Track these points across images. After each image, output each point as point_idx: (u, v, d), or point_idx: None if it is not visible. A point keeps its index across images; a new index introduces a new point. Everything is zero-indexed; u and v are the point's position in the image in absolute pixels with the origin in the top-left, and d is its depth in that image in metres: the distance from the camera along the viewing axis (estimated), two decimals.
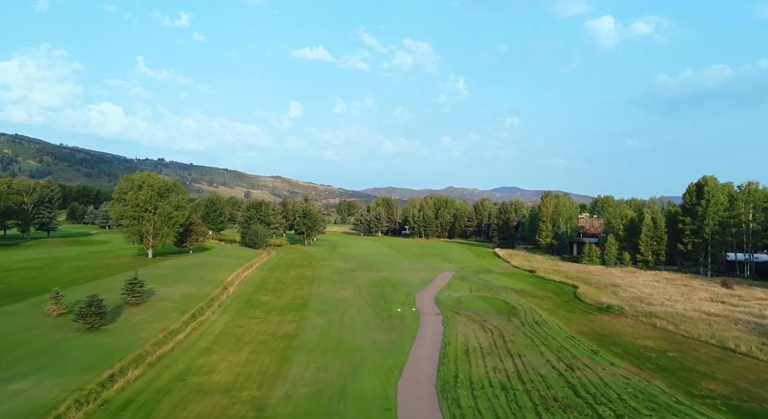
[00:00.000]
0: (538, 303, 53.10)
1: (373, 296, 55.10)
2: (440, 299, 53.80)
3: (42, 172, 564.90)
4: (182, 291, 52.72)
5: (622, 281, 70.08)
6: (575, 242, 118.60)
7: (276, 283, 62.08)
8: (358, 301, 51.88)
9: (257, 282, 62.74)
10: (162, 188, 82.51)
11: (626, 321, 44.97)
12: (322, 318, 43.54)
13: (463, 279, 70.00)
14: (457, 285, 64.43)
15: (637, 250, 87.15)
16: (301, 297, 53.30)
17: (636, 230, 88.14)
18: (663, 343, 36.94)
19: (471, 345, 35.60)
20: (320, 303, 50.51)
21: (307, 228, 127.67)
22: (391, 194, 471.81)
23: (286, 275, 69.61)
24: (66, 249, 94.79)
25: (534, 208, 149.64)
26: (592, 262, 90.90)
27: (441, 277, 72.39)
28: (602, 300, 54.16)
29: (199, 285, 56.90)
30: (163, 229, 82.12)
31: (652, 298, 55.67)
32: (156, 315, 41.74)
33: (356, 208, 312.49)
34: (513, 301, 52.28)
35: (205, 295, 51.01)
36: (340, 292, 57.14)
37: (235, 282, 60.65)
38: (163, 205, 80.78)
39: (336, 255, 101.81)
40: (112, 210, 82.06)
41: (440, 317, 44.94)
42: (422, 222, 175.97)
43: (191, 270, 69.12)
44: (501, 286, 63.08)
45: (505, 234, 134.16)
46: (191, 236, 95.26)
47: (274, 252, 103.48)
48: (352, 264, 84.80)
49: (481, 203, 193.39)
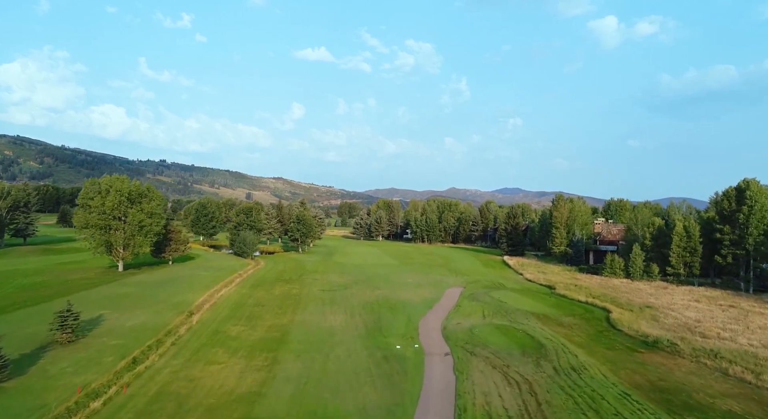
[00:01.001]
0: (568, 334, 43.74)
1: (367, 325, 45.81)
2: (448, 329, 44.48)
3: (43, 174, 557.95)
4: (136, 321, 43.54)
5: (656, 300, 60.68)
6: (591, 250, 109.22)
7: (254, 306, 52.79)
8: (348, 333, 42.59)
9: (232, 304, 53.46)
10: (133, 193, 73.35)
11: (685, 364, 35.59)
12: (300, 362, 34.27)
13: (473, 298, 60.65)
14: (467, 307, 55.10)
15: (666, 262, 77.64)
16: (279, 327, 44.01)
17: (665, 239, 78.62)
18: (752, 406, 27.61)
19: (494, 410, 26.34)
20: (302, 336, 41.24)
21: (301, 235, 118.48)
22: (392, 195, 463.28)
23: (268, 294, 60.33)
24: (32, 259, 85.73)
25: (544, 212, 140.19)
26: (615, 275, 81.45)
27: (448, 295, 63.09)
28: (644, 329, 44.80)
29: (160, 311, 47.70)
30: (135, 239, 73.01)
31: (702, 327, 46.27)
32: (86, 360, 32.55)
33: (357, 209, 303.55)
34: (537, 333, 42.89)
35: (162, 326, 41.82)
36: (329, 319, 47.85)
37: (206, 306, 51.43)
38: (133, 212, 71.61)
39: (331, 266, 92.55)
40: (75, 218, 72.86)
41: (450, 359, 35.65)
42: (425, 226, 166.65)
43: (159, 289, 59.97)
44: (518, 310, 53.68)
45: (514, 240, 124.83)
46: (170, 245, 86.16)
47: (262, 263, 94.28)
48: (347, 279, 75.50)
49: (486, 206, 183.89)
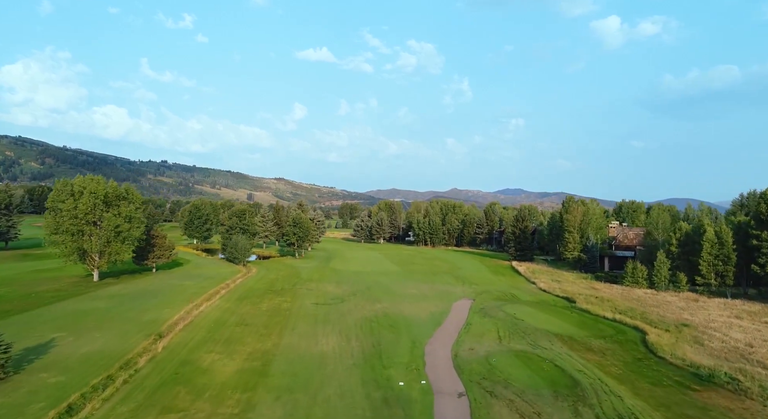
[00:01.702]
0: (602, 363, 36.97)
1: (365, 350, 39.10)
2: (460, 357, 37.73)
3: (43, 174, 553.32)
4: (91, 348, 36.92)
5: (691, 316, 53.83)
6: (606, 256, 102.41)
7: (236, 325, 46.09)
8: (342, 362, 35.89)
9: (211, 323, 46.77)
10: (110, 195, 66.76)
11: (757, 409, 28.78)
12: (279, 407, 27.57)
13: (484, 314, 53.89)
14: (479, 325, 48.32)
15: (695, 271, 70.78)
16: (262, 355, 37.32)
17: (693, 246, 71.76)
18: None
19: None
20: (286, 367, 34.55)
21: (297, 239, 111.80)
22: (394, 196, 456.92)
23: (255, 309, 53.64)
24: (4, 267, 79.24)
25: (554, 214, 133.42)
26: (638, 284, 74.57)
27: (456, 310, 56.37)
28: (690, 357, 38.01)
29: (125, 333, 41.10)
30: (112, 246, 66.47)
31: (758, 353, 39.43)
32: (6, 408, 25.90)
33: (358, 211, 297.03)
34: (567, 364, 36.11)
35: (121, 355, 35.18)
36: (320, 343, 41.15)
37: (180, 325, 44.74)
38: (109, 217, 65.04)
39: (328, 274, 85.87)
40: (45, 223, 66.31)
41: (465, 402, 28.93)
42: (428, 229, 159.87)
43: (133, 303, 53.38)
44: (538, 329, 46.86)
45: (522, 245, 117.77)
46: (154, 252, 79.66)
47: (254, 270, 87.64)
48: (344, 289, 68.81)
49: (491, 208, 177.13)
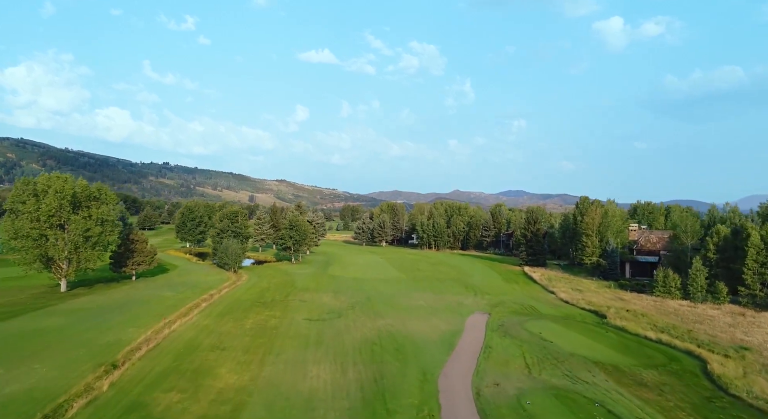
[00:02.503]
0: (663, 406, 29.20)
1: (364, 387, 31.45)
2: (484, 397, 30.05)
3: None
4: (20, 385, 29.36)
5: (747, 336, 46.07)
6: (627, 261, 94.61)
7: (210, 350, 38.46)
8: (335, 406, 28.25)
9: (181, 347, 39.16)
10: (79, 195, 59.27)
11: None
12: None
13: (505, 332, 46.21)
14: (500, 349, 40.65)
15: (736, 280, 62.98)
16: (234, 393, 29.68)
17: (735, 252, 63.98)
18: None
19: None
20: (263, 413, 26.92)
21: (294, 243, 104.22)
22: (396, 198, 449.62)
23: (237, 327, 46.02)
24: None
25: (566, 216, 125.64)
26: (670, 295, 66.75)
27: (471, 327, 48.73)
28: None
29: (71, 363, 33.53)
30: (82, 252, 59.05)
31: None
32: None
33: (360, 212, 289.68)
34: (622, 408, 28.32)
35: (54, 396, 27.59)
36: (310, 374, 33.51)
37: (142, 350, 37.12)
38: (77, 219, 57.55)
39: (325, 281, 78.26)
40: (3, 227, 58.89)
41: None
42: (432, 231, 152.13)
43: (94, 320, 45.87)
44: (573, 354, 39.13)
45: (534, 249, 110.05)
46: (133, 258, 72.16)
47: (245, 277, 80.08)
48: (342, 301, 61.19)
49: (498, 209, 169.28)
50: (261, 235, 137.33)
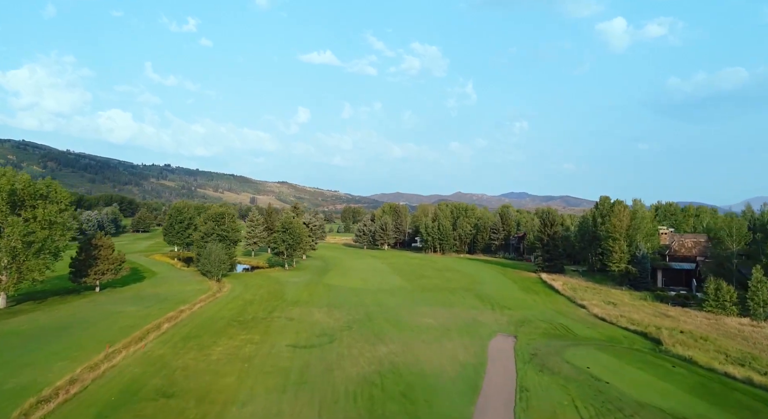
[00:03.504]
0: None
1: None
2: None
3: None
4: None
5: None
6: (659, 268, 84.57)
7: (151, 399, 28.48)
8: None
9: (115, 393, 29.17)
10: (20, 192, 49.47)
11: None
12: None
13: (541, 366, 36.21)
14: (540, 392, 30.66)
15: None
16: None
17: None
18: None
19: None
20: None
21: (287, 247, 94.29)
22: (398, 200, 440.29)
23: (200, 358, 36.07)
24: None
25: (585, 218, 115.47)
26: (725, 311, 56.74)
27: (495, 355, 38.77)
28: None
29: None
30: (25, 261, 49.27)
31: None
32: None
33: (361, 214, 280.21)
34: None
35: None
36: None
37: (60, 397, 27.24)
38: (16, 221, 47.81)
39: (319, 292, 68.40)
40: None
41: None
42: (437, 234, 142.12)
43: (18, 351, 36.06)
44: (640, 403, 29.06)
45: (552, 253, 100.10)
46: (96, 266, 62.41)
47: (228, 286, 70.28)
48: (336, 318, 51.24)
49: (506, 211, 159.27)
50: (254, 238, 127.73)
